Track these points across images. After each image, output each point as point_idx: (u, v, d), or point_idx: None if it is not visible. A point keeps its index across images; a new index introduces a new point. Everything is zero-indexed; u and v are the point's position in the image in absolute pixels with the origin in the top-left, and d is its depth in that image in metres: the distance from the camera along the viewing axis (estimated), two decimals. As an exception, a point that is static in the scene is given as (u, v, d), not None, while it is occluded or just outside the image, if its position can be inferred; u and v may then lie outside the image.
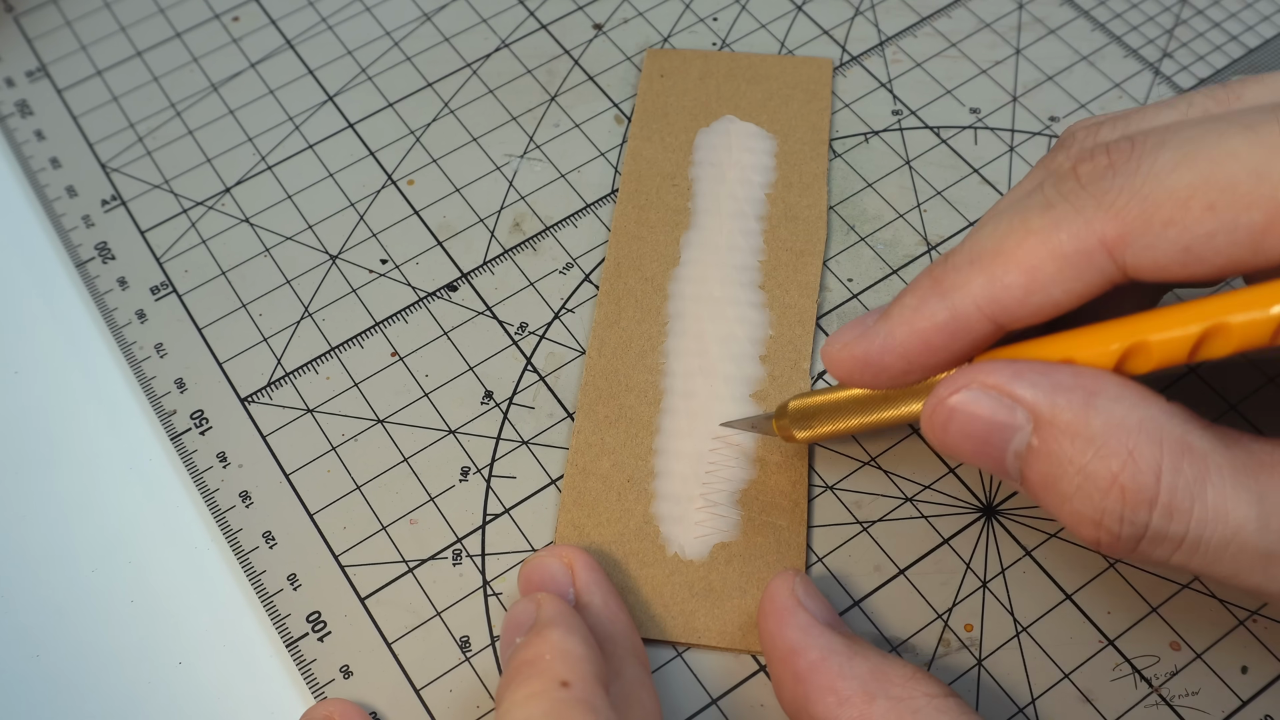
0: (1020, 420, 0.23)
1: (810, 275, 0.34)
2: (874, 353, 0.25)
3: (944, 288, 0.24)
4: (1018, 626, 0.29)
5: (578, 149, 0.38)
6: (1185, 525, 0.22)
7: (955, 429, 0.24)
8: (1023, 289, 0.23)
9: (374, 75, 0.40)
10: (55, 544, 0.32)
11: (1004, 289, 0.23)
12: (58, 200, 0.37)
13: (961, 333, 0.24)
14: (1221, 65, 0.39)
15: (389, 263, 0.36)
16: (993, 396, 0.23)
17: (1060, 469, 0.23)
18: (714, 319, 0.34)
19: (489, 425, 0.33)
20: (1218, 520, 0.22)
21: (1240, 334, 0.22)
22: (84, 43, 0.41)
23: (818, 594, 0.28)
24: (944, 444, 0.25)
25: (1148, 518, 0.22)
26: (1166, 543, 0.22)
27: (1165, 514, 0.22)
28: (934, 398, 0.24)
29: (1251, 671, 0.29)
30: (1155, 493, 0.22)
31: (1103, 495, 0.22)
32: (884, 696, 0.25)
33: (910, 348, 0.25)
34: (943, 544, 0.31)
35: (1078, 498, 0.23)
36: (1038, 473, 0.23)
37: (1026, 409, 0.23)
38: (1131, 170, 0.22)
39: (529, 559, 0.29)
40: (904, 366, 0.25)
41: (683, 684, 0.29)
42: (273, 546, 0.31)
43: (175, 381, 0.34)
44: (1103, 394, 0.23)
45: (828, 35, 0.40)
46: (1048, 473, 0.23)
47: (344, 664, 0.29)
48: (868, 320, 0.26)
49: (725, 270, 0.34)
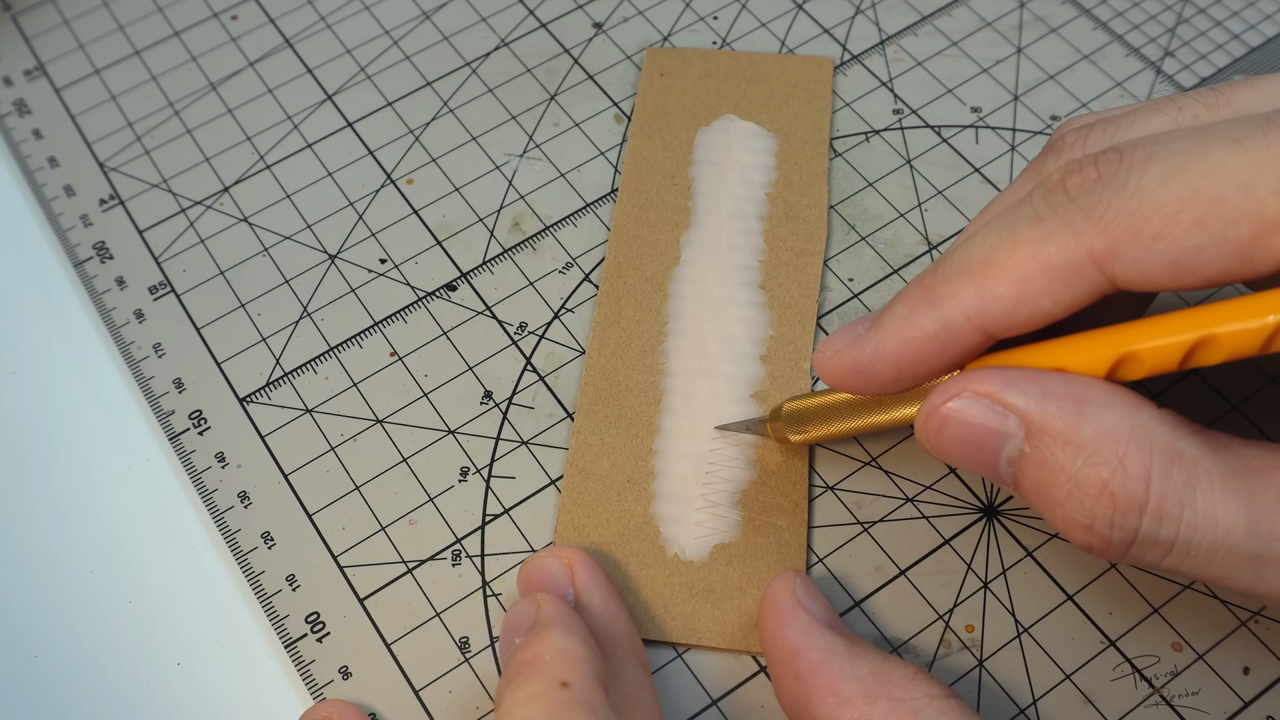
0: (1012, 427, 0.23)
1: (811, 275, 0.34)
2: (865, 360, 0.26)
3: (934, 298, 0.24)
4: (1019, 627, 0.29)
5: (577, 148, 0.38)
6: (1175, 530, 0.22)
7: (949, 436, 0.24)
8: (1012, 300, 0.23)
9: (373, 74, 0.40)
10: (53, 544, 0.32)
11: (994, 300, 0.24)
12: (55, 200, 0.37)
13: (952, 342, 0.24)
14: (1223, 64, 0.39)
15: (388, 262, 0.36)
16: (984, 404, 0.24)
17: (1052, 475, 0.23)
18: (714, 319, 0.34)
19: (488, 425, 0.33)
20: (1207, 525, 0.22)
21: (1230, 344, 0.22)
22: (82, 41, 0.40)
23: (818, 595, 0.28)
24: (938, 450, 0.25)
25: (1137, 523, 0.22)
26: (1157, 547, 0.23)
27: (1155, 519, 0.22)
28: (927, 405, 0.25)
29: (1254, 672, 0.29)
30: (1145, 499, 0.22)
31: (1093, 501, 0.23)
32: (885, 698, 0.25)
33: (901, 357, 0.25)
34: (944, 544, 0.31)
35: (1069, 503, 0.23)
36: (1030, 478, 0.24)
37: (1018, 416, 0.23)
38: (1120, 184, 0.22)
39: (528, 559, 0.29)
40: (895, 374, 0.25)
41: (683, 685, 0.29)
42: (271, 547, 0.31)
43: (174, 381, 0.34)
44: (1093, 402, 0.23)
45: (828, 34, 0.40)
46: (1040, 479, 0.23)
47: (343, 665, 0.29)
48: (859, 327, 0.26)
49: (725, 270, 0.34)
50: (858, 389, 0.26)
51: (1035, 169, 0.26)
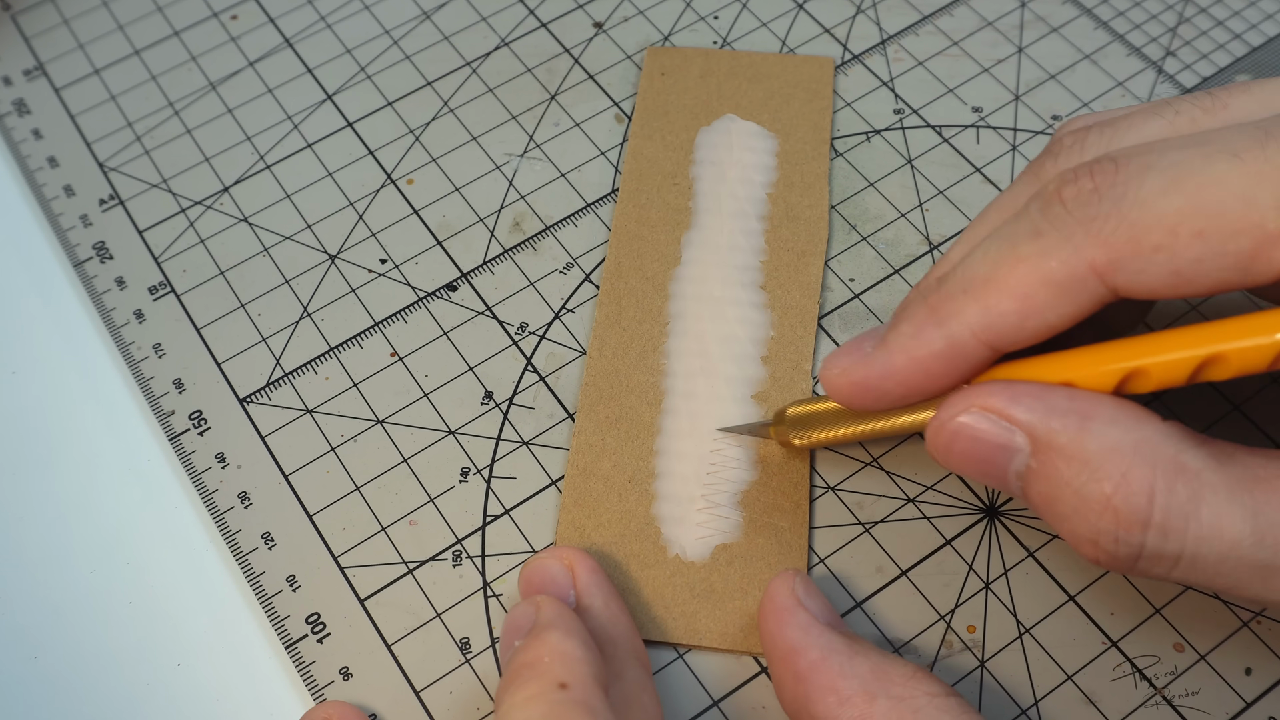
0: (1019, 442, 0.24)
1: (812, 275, 0.34)
2: (874, 379, 0.26)
3: (940, 316, 0.25)
4: (1020, 628, 0.29)
5: (578, 148, 0.38)
6: (1181, 544, 0.22)
7: (958, 451, 0.25)
8: (1018, 315, 0.24)
9: (373, 74, 0.39)
10: (53, 545, 0.32)
11: (999, 317, 0.24)
12: (55, 200, 0.37)
13: (959, 359, 0.25)
14: (1225, 64, 0.39)
15: (388, 262, 0.36)
16: (991, 419, 0.24)
17: (1058, 490, 0.23)
18: (715, 319, 0.33)
19: (489, 426, 0.33)
20: (1213, 537, 0.22)
21: (1239, 361, 0.22)
22: (81, 41, 0.40)
23: (818, 593, 0.28)
24: (948, 463, 0.25)
25: (1142, 538, 0.23)
26: (1164, 560, 0.23)
27: (1160, 534, 0.22)
28: (936, 420, 0.25)
29: (1256, 673, 0.29)
30: (1149, 514, 0.22)
31: (1098, 517, 0.23)
32: (885, 696, 0.25)
33: (909, 375, 0.25)
34: (945, 545, 0.30)
35: (1074, 518, 0.23)
36: (1038, 492, 0.24)
37: (1024, 431, 0.24)
38: (1118, 196, 0.23)
39: (529, 561, 0.29)
40: (903, 392, 0.26)
41: (684, 685, 0.29)
42: (272, 547, 0.31)
43: (174, 382, 0.34)
44: (1098, 417, 0.23)
45: (829, 34, 0.40)
46: (1047, 493, 0.24)
47: (343, 666, 0.29)
48: (865, 345, 0.26)
49: (726, 270, 0.34)
50: (866, 405, 0.26)
51: (1034, 172, 0.26)
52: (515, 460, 0.32)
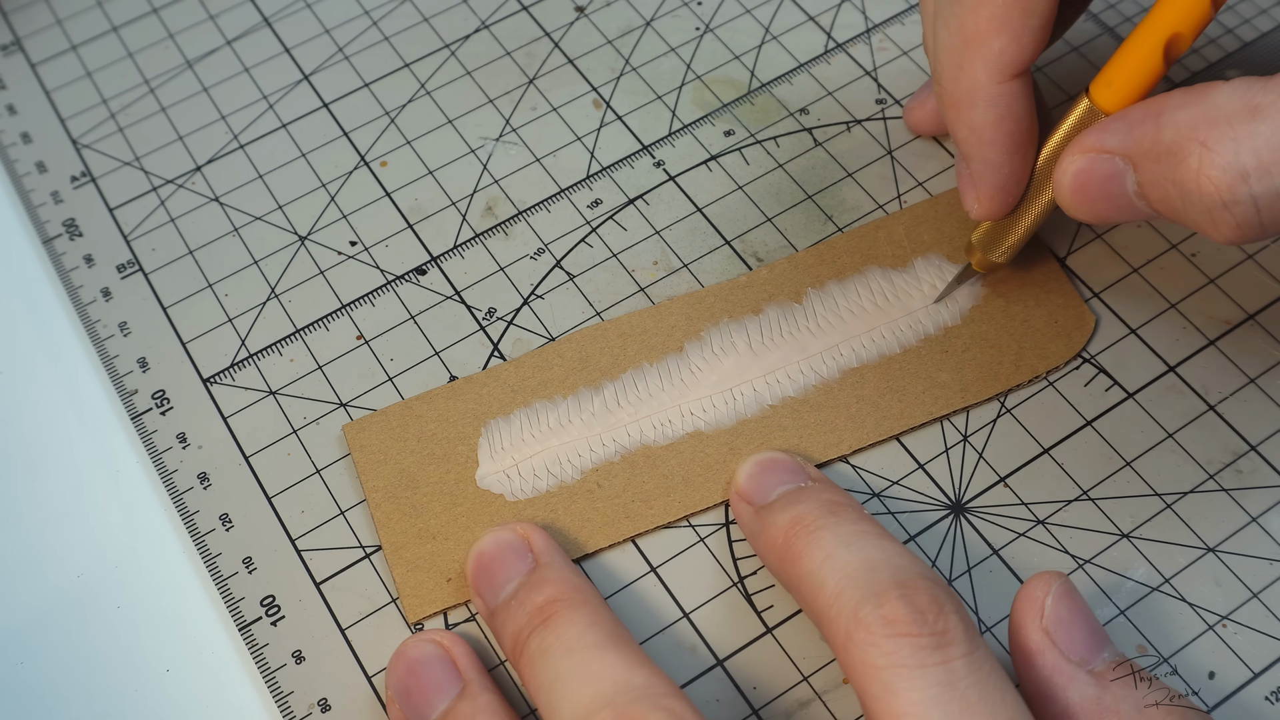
0: (1119, 165, 0.25)
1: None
2: None
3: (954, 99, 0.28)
4: (982, 626, 0.29)
5: (554, 133, 0.37)
6: None
7: (1085, 196, 0.27)
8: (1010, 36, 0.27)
9: (351, 55, 0.39)
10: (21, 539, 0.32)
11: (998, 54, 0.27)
12: (27, 175, 0.37)
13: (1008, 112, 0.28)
14: (1216, 58, 0.38)
15: (358, 245, 0.35)
16: (1090, 157, 0.26)
17: (1163, 189, 0.24)
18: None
19: (453, 411, 0.32)
20: None
21: None
22: (60, 16, 0.40)
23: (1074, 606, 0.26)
24: (1084, 212, 0.27)
25: (1246, 189, 0.23)
26: None
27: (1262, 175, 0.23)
28: (1056, 183, 0.27)
29: (1218, 677, 0.28)
30: (1237, 163, 0.23)
31: (1199, 194, 0.24)
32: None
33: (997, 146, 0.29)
34: (909, 541, 0.30)
35: (1187, 207, 0.24)
36: (1155, 201, 0.25)
37: (1119, 155, 0.25)
38: None
39: (404, 649, 0.28)
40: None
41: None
42: (229, 529, 0.31)
43: (138, 361, 0.33)
44: (1166, 110, 0.24)
45: (813, 21, 0.39)
46: (1159, 197, 0.25)
47: (296, 649, 0.29)
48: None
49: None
50: None
51: None
52: (478, 446, 0.32)
